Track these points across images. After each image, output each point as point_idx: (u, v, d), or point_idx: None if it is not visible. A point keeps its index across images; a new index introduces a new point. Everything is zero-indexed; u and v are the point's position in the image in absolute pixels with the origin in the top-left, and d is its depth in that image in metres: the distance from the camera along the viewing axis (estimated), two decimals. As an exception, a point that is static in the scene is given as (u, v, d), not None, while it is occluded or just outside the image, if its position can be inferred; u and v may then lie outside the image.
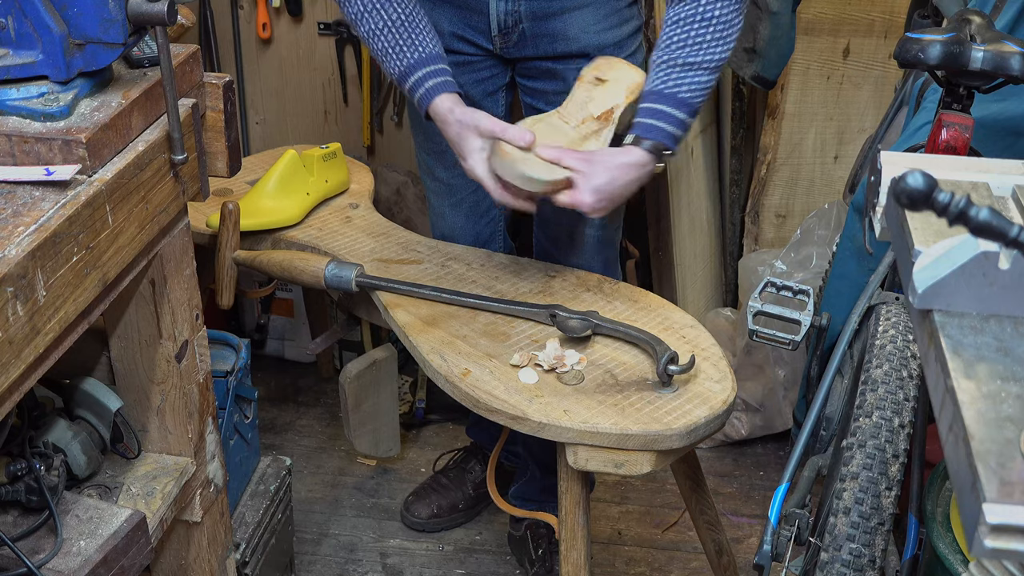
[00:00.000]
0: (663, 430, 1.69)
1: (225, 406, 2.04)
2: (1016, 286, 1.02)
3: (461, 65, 2.08)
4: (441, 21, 2.04)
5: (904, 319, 1.71)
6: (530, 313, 1.94)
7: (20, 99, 1.39)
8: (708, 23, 1.80)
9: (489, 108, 2.14)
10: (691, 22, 1.81)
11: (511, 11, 1.99)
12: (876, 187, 1.33)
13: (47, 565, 1.40)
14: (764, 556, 1.64)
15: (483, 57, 2.08)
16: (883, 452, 1.51)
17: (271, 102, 3.16)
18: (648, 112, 1.82)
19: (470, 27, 2.04)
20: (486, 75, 2.11)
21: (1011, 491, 0.83)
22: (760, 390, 2.81)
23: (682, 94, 1.81)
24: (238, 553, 2.03)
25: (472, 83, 2.11)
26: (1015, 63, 1.73)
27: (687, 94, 1.81)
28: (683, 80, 1.81)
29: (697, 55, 1.81)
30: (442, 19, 2.04)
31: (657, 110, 1.81)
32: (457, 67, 2.08)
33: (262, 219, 2.26)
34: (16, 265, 1.18)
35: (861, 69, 2.96)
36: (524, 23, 2.00)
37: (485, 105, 2.14)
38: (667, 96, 1.81)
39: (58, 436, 1.57)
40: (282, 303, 3.14)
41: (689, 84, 1.81)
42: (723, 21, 1.81)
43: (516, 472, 2.53)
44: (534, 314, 1.94)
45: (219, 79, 1.63)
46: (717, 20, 1.81)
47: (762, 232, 3.06)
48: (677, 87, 1.81)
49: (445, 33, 2.05)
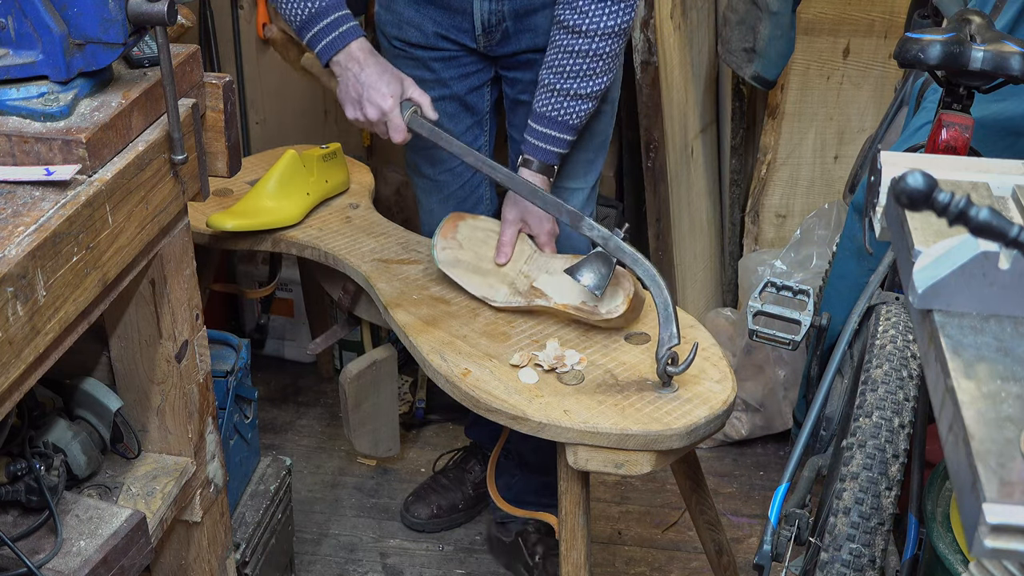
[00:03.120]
0: (663, 430, 1.69)
1: (225, 406, 2.04)
2: (1016, 286, 1.02)
3: (446, 60, 2.10)
4: (425, 22, 2.06)
5: (904, 319, 1.71)
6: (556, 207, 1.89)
7: (20, 99, 1.39)
8: (597, 57, 1.93)
9: (475, 104, 2.17)
10: (579, 55, 1.93)
11: (495, 10, 2.01)
12: (876, 187, 1.33)
13: (47, 565, 1.40)
14: (764, 556, 1.64)
15: (467, 54, 2.10)
16: (883, 452, 1.50)
17: (271, 102, 3.16)
18: (538, 135, 1.99)
19: (454, 27, 2.06)
20: (471, 70, 2.14)
21: (1011, 491, 0.83)
22: (760, 390, 2.81)
23: (570, 120, 1.98)
24: (238, 553, 2.03)
25: (457, 78, 2.13)
26: (1015, 63, 1.73)
27: (575, 120, 1.98)
28: (571, 108, 1.97)
29: (583, 87, 1.96)
30: (426, 20, 2.06)
31: (547, 134, 1.99)
32: (442, 62, 2.11)
33: (262, 219, 2.26)
34: (16, 265, 1.18)
35: (861, 69, 2.96)
36: (507, 21, 2.03)
37: (472, 101, 2.16)
38: (558, 122, 1.98)
39: (58, 436, 1.57)
40: (282, 303, 3.14)
41: (575, 110, 1.97)
42: (609, 55, 1.94)
43: (466, 463, 2.55)
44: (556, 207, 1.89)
45: (219, 79, 1.63)
46: (604, 55, 1.94)
47: (762, 232, 3.06)
48: (566, 115, 1.97)
49: (429, 33, 2.07)
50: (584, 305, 1.89)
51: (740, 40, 2.75)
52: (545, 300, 1.92)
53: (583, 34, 1.91)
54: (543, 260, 2.01)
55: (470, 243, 2.04)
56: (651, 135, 2.78)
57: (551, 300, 1.92)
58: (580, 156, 2.16)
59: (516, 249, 2.03)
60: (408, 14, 2.07)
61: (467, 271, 2.00)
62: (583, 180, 2.19)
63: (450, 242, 2.03)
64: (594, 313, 1.88)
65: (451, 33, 2.06)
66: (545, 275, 1.97)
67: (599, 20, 1.90)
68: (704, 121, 3.01)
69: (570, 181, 2.18)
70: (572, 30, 1.91)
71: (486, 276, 2.00)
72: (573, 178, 2.18)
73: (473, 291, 1.97)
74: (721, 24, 2.89)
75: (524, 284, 1.97)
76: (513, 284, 1.97)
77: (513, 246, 2.02)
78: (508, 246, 2.02)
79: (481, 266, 2.01)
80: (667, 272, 2.94)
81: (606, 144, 2.22)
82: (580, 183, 2.20)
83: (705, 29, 2.96)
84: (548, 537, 2.43)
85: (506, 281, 1.98)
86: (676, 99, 2.83)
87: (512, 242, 2.02)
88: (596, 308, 1.88)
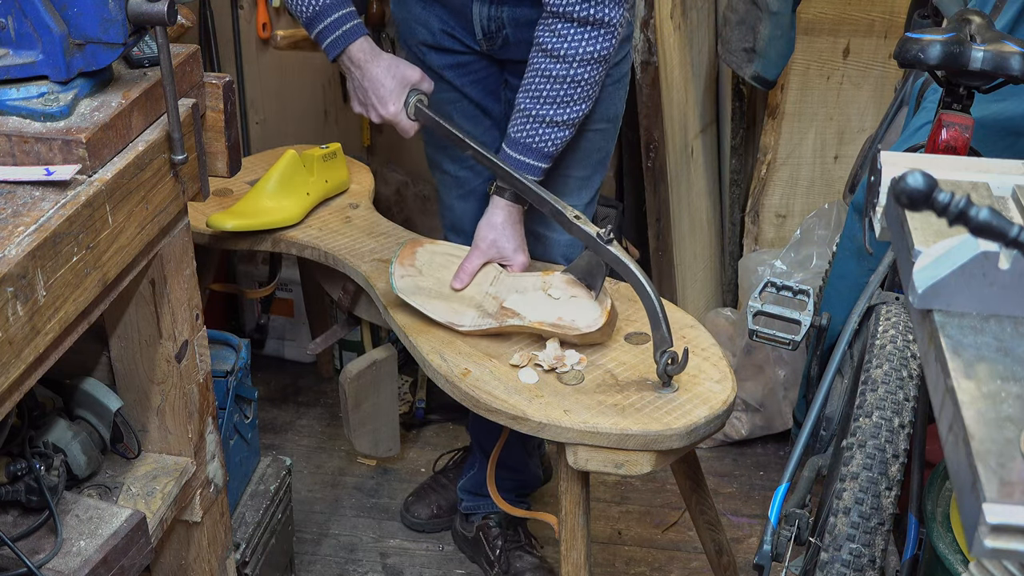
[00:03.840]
0: (663, 430, 1.69)
1: (225, 406, 2.04)
2: (1016, 286, 1.02)
3: (458, 67, 2.09)
4: (431, 19, 2.06)
5: (904, 319, 1.71)
6: (551, 209, 1.89)
7: (20, 99, 1.39)
8: (575, 84, 1.87)
9: (491, 108, 2.15)
10: (556, 80, 1.87)
11: (494, 17, 2.00)
12: (876, 187, 1.33)
13: (47, 565, 1.40)
14: (764, 556, 1.64)
15: (476, 57, 2.09)
16: (883, 452, 1.50)
17: (271, 102, 3.16)
18: (513, 161, 1.93)
19: (459, 27, 2.05)
20: (483, 75, 2.12)
21: (1011, 491, 0.83)
22: (760, 390, 2.81)
23: (546, 148, 1.92)
24: (238, 553, 2.03)
25: (470, 84, 2.11)
26: (1015, 63, 1.73)
27: (550, 148, 1.92)
28: (546, 135, 1.91)
29: (559, 115, 1.89)
30: (432, 17, 2.06)
31: (520, 161, 1.92)
32: (455, 69, 2.09)
33: (262, 219, 2.26)
34: (16, 265, 1.18)
35: (861, 69, 2.96)
36: (507, 29, 2.01)
37: (488, 105, 2.15)
38: (532, 150, 1.91)
39: (58, 436, 1.57)
40: (282, 303, 3.14)
41: (552, 138, 1.91)
42: (588, 82, 1.88)
43: (465, 463, 2.54)
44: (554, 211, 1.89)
45: (219, 79, 1.63)
46: (583, 82, 1.87)
47: (762, 232, 3.06)
48: (541, 142, 1.91)
49: (436, 31, 2.06)
50: (560, 321, 1.85)
51: (740, 40, 2.75)
52: (518, 319, 1.87)
53: (561, 59, 1.85)
54: (511, 280, 1.95)
55: (430, 268, 2.00)
56: (651, 135, 2.78)
57: (524, 319, 1.87)
58: (575, 172, 2.12)
59: (480, 273, 1.98)
60: (416, 11, 2.07)
61: (429, 297, 1.94)
62: (576, 197, 2.13)
63: (408, 269, 1.98)
64: (572, 328, 1.85)
65: (456, 32, 2.06)
66: (515, 294, 1.92)
67: (578, 45, 1.83)
68: (704, 121, 3.01)
69: (560, 197, 2.08)
70: (550, 54, 1.85)
71: (449, 301, 1.94)
72: (564, 194, 2.10)
73: (437, 317, 1.91)
74: (721, 24, 2.89)
75: (493, 305, 1.92)
76: (481, 306, 1.92)
77: (473, 276, 1.97)
78: (468, 275, 1.96)
79: (443, 291, 1.96)
80: (667, 272, 2.94)
81: (605, 162, 2.17)
82: (572, 200, 2.10)
83: (705, 29, 2.96)
84: (508, 531, 2.44)
85: (472, 304, 1.93)
86: (676, 99, 2.83)
87: (473, 272, 1.96)
88: (573, 323, 1.85)
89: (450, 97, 2.12)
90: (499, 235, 1.96)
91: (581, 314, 1.85)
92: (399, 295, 1.94)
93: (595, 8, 1.81)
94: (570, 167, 2.10)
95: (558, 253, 2.18)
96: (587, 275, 1.89)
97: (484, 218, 1.98)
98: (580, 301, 1.86)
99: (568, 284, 1.89)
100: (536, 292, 1.90)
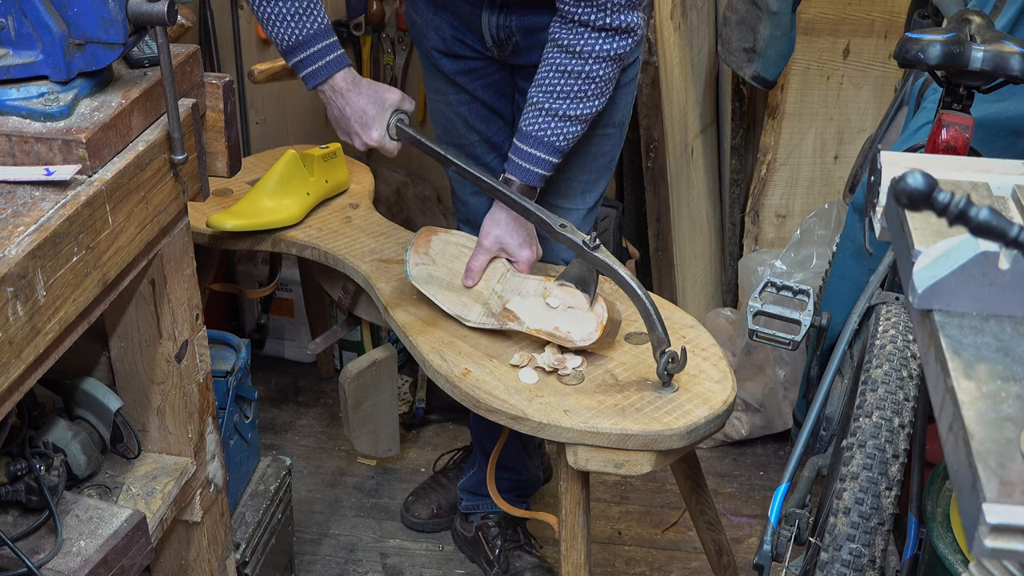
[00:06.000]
0: (663, 430, 1.69)
1: (225, 406, 2.04)
2: (1016, 286, 1.02)
3: (470, 72, 2.09)
4: (442, 24, 2.05)
5: (904, 319, 1.71)
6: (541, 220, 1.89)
7: (20, 99, 1.39)
8: (590, 80, 1.85)
9: (503, 109, 2.15)
10: (571, 75, 1.85)
11: (502, 25, 2.00)
12: (876, 187, 1.33)
13: (47, 565, 1.40)
14: (764, 556, 1.64)
15: (487, 63, 2.09)
16: (883, 452, 1.50)
17: (271, 102, 3.16)
18: (523, 154, 1.90)
19: (469, 32, 2.05)
20: (494, 79, 2.12)
21: (1011, 491, 0.83)
22: (760, 390, 2.81)
23: (557, 143, 1.89)
24: (238, 553, 2.03)
25: (482, 88, 2.11)
26: (1015, 63, 1.73)
27: (562, 143, 1.90)
28: (559, 129, 1.88)
29: (572, 109, 1.87)
30: (443, 23, 2.05)
31: (531, 154, 1.90)
32: (466, 75, 2.09)
33: (262, 219, 2.26)
34: (16, 265, 1.18)
35: (861, 69, 2.96)
36: (516, 36, 2.01)
37: (500, 107, 2.15)
38: (543, 143, 1.89)
39: (58, 436, 1.57)
40: (282, 303, 3.14)
41: (564, 133, 1.89)
42: (602, 79, 1.86)
43: (465, 463, 2.54)
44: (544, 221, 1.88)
45: (219, 79, 1.63)
46: (597, 78, 1.86)
47: (762, 232, 3.06)
48: (553, 136, 1.89)
49: (447, 36, 2.06)
50: (557, 331, 1.85)
51: (740, 40, 2.75)
52: (518, 324, 1.88)
53: (577, 55, 1.84)
54: (516, 281, 1.94)
55: (443, 258, 2.00)
56: (651, 135, 2.78)
57: (523, 324, 1.87)
58: (579, 176, 2.11)
59: (490, 267, 1.98)
60: (428, 16, 2.07)
61: (440, 287, 1.95)
62: (579, 200, 2.13)
63: (423, 257, 1.99)
64: (567, 340, 1.84)
65: (467, 38, 2.05)
66: (518, 297, 1.91)
67: (595, 43, 1.83)
68: (704, 121, 3.01)
69: (563, 200, 2.12)
70: (566, 49, 1.84)
71: (459, 294, 1.95)
72: (567, 197, 2.12)
73: (446, 308, 1.93)
74: (721, 24, 2.89)
75: (497, 305, 1.92)
76: (487, 304, 1.93)
77: (482, 273, 1.96)
78: (477, 273, 1.96)
79: (454, 283, 1.97)
80: (667, 272, 2.94)
81: (610, 167, 2.16)
82: (575, 203, 2.14)
83: (705, 29, 2.96)
84: (508, 530, 2.44)
85: (479, 300, 1.94)
86: (676, 99, 2.83)
87: (481, 269, 1.96)
88: (569, 335, 1.84)
89: (462, 99, 2.12)
90: (503, 231, 1.96)
91: (576, 327, 1.84)
92: (412, 283, 1.96)
93: (612, 16, 1.80)
94: (575, 171, 2.10)
95: (559, 257, 2.18)
96: (580, 281, 1.89)
97: (488, 215, 1.98)
98: (576, 313, 1.86)
99: (566, 293, 1.88)
100: (536, 298, 1.90)
